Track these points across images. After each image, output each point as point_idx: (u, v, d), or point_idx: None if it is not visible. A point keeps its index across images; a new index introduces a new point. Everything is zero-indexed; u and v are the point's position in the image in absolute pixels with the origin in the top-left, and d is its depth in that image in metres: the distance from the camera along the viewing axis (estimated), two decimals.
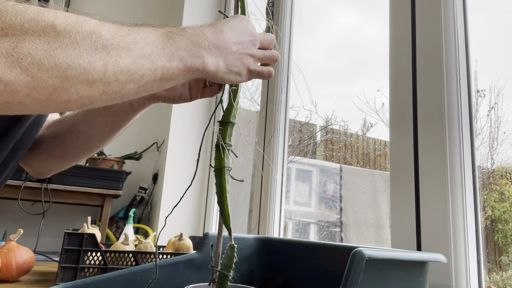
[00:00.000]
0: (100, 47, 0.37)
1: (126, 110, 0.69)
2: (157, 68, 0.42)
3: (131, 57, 0.40)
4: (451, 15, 0.86)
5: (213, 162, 0.55)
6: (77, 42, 0.36)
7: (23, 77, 0.33)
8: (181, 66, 0.45)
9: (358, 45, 1.56)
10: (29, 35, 0.33)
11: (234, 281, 0.55)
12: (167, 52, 0.44)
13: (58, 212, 2.05)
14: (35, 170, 0.79)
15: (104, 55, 0.38)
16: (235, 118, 0.57)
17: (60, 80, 0.35)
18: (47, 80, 0.34)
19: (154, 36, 0.43)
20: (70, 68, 0.35)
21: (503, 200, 0.98)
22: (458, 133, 0.81)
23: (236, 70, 0.52)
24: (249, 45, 0.53)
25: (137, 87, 0.42)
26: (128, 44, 0.40)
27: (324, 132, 1.70)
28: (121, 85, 0.40)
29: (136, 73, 0.41)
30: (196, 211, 1.94)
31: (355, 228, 1.48)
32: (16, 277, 1.03)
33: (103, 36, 0.38)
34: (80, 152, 0.76)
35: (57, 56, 0.34)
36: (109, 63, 0.38)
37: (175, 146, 1.98)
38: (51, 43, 0.34)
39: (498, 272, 0.94)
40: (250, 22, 0.56)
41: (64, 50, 0.35)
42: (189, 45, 0.46)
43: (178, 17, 2.17)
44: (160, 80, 0.44)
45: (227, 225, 0.53)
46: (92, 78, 0.37)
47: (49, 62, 0.34)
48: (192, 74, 0.47)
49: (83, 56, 0.36)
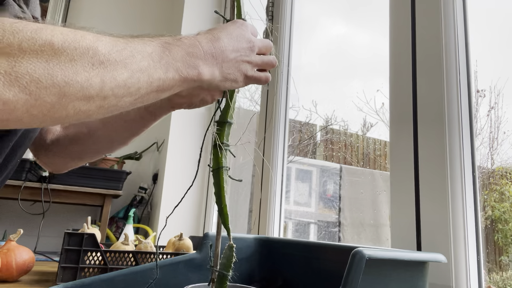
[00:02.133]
0: (97, 63, 0.38)
1: (146, 117, 0.71)
2: (153, 81, 0.43)
3: (127, 71, 0.40)
4: (451, 15, 0.86)
5: (211, 162, 0.55)
6: (75, 59, 0.36)
7: (21, 96, 0.33)
8: (177, 77, 0.45)
9: (349, 52, 1.60)
10: (27, 54, 0.33)
11: (234, 281, 0.55)
12: (163, 63, 0.44)
13: (58, 212, 2.05)
14: (52, 167, 0.81)
15: (101, 71, 0.38)
16: (233, 118, 0.57)
17: (58, 97, 0.35)
18: (45, 97, 0.34)
19: (151, 48, 0.44)
20: (67, 85, 0.35)
21: (503, 200, 0.98)
22: (458, 133, 0.81)
23: (232, 77, 0.52)
24: (247, 51, 0.53)
25: (134, 99, 0.43)
26: (124, 58, 0.40)
27: (324, 132, 1.70)
28: (117, 99, 0.40)
29: (132, 86, 0.41)
30: (196, 211, 1.94)
31: (355, 228, 1.48)
32: (16, 277, 1.03)
33: (100, 52, 0.38)
34: (100, 152, 0.78)
35: (54, 74, 0.35)
36: (106, 78, 0.38)
37: (175, 146, 1.98)
38: (49, 61, 0.34)
39: (498, 272, 0.94)
40: (249, 26, 0.56)
41: (62, 67, 0.35)
42: (185, 55, 0.46)
43: (178, 17, 2.17)
44: (156, 91, 0.44)
45: (225, 225, 0.53)
46: (89, 94, 0.37)
47: (47, 80, 0.34)
48: (188, 84, 0.48)
49: (80, 73, 0.36)
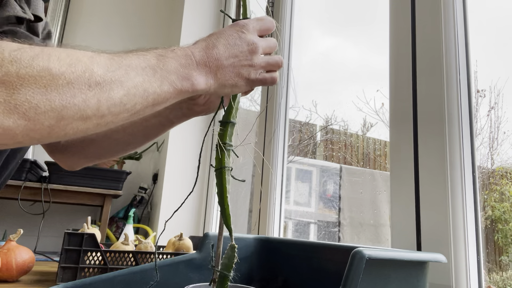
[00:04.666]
0: (94, 84, 0.39)
1: (166, 125, 0.72)
2: (148, 95, 0.44)
3: (123, 89, 0.41)
4: (451, 15, 0.86)
5: (214, 162, 0.55)
6: (72, 82, 0.37)
7: (21, 122, 0.34)
8: (171, 90, 0.46)
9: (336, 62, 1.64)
10: (25, 81, 0.34)
11: (234, 281, 0.55)
12: (158, 77, 0.45)
13: (58, 212, 2.05)
14: (68, 165, 0.83)
15: (97, 92, 0.39)
16: (235, 118, 0.57)
17: (56, 120, 0.36)
18: (44, 121, 0.36)
19: (144, 62, 0.44)
20: (65, 108, 0.37)
21: (503, 200, 0.98)
22: (458, 133, 0.81)
23: (231, 83, 0.52)
24: (247, 55, 0.53)
25: (130, 115, 0.44)
26: (120, 77, 0.41)
27: (324, 132, 1.70)
28: (114, 116, 0.42)
29: (128, 103, 0.42)
30: (196, 211, 1.94)
31: (355, 228, 1.48)
32: (16, 277, 1.03)
33: (95, 73, 0.39)
34: (116, 154, 0.80)
35: (52, 98, 0.36)
36: (102, 98, 0.39)
37: (175, 146, 1.98)
38: (47, 86, 0.35)
39: (498, 272, 0.94)
40: (252, 25, 0.54)
41: (59, 91, 0.36)
42: (178, 67, 0.47)
43: (178, 17, 2.17)
44: (152, 105, 0.45)
45: (227, 225, 0.53)
46: (86, 114, 0.38)
47: (45, 106, 0.35)
48: (183, 95, 0.48)
49: (77, 96, 0.37)
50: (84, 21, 2.35)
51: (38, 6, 0.80)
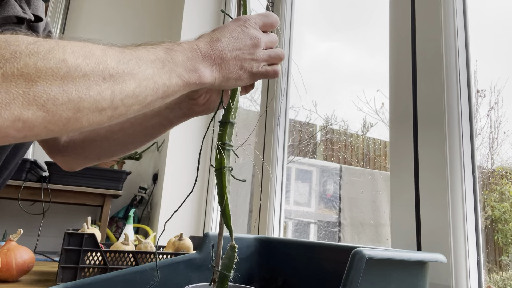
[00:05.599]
0: (108, 76, 0.40)
1: (164, 124, 0.72)
2: (159, 88, 0.45)
3: (135, 81, 0.42)
4: (451, 15, 0.86)
5: (214, 162, 0.55)
6: (87, 74, 0.38)
7: (39, 114, 0.35)
8: (180, 82, 0.47)
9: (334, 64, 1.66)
10: (43, 73, 0.35)
11: (234, 281, 0.55)
12: (166, 70, 0.46)
13: (58, 212, 2.05)
14: (67, 166, 0.84)
15: (111, 84, 0.40)
16: (235, 118, 0.57)
17: (73, 112, 0.37)
18: (62, 113, 0.36)
19: (153, 55, 0.45)
20: (82, 100, 0.37)
21: (503, 200, 0.98)
22: (458, 133, 0.81)
23: (235, 76, 0.53)
24: (250, 49, 0.53)
25: (141, 107, 0.45)
26: (132, 69, 0.42)
27: (324, 132, 1.70)
28: (127, 108, 0.43)
29: (140, 95, 0.43)
30: (196, 211, 1.94)
31: (355, 228, 1.48)
32: (16, 277, 1.03)
33: (109, 65, 0.40)
34: (116, 154, 0.81)
35: (69, 90, 0.36)
36: (116, 90, 0.40)
37: (175, 146, 1.98)
38: (63, 78, 0.36)
39: (498, 272, 0.94)
40: (254, 20, 0.55)
41: (76, 83, 0.37)
42: (185, 60, 0.48)
43: (178, 16, 2.17)
44: (162, 97, 0.46)
45: (228, 225, 0.53)
46: (101, 106, 0.39)
47: (63, 97, 0.36)
48: (190, 87, 0.49)
49: (93, 87, 0.38)
50: (84, 21, 2.35)
51: (38, 6, 0.80)
